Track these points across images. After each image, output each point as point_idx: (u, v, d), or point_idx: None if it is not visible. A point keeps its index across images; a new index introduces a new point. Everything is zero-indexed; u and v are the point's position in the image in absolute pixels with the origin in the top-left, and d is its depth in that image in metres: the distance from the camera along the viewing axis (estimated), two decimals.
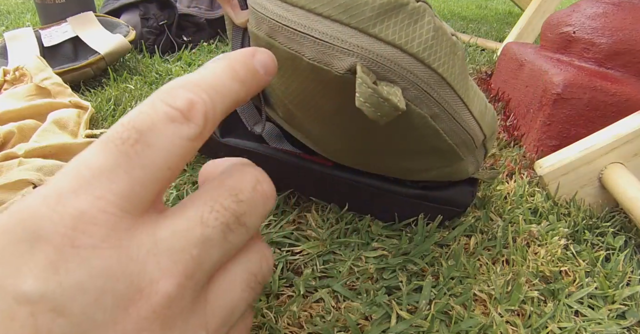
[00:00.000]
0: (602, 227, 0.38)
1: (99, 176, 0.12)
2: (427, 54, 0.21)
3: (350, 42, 0.20)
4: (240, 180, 0.15)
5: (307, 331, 0.26)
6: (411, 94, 0.22)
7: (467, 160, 0.29)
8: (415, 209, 0.34)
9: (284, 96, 0.25)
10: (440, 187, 0.34)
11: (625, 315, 0.29)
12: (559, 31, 0.54)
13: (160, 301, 0.12)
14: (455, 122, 0.25)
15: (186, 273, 0.13)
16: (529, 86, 0.54)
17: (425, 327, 0.27)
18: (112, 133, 0.13)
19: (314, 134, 0.29)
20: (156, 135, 0.13)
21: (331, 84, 0.22)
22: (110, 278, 0.12)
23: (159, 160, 0.13)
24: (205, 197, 0.14)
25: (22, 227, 0.12)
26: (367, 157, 0.30)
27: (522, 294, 0.29)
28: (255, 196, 0.15)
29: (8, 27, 1.01)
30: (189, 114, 0.14)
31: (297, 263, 0.32)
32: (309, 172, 0.34)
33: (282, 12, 0.21)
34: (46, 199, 0.12)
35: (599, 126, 0.42)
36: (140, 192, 0.13)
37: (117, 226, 0.12)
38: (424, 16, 0.21)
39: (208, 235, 0.13)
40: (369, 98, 0.19)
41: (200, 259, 0.13)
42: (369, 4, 0.20)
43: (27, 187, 0.34)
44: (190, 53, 0.81)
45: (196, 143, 0.14)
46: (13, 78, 0.54)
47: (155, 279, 0.12)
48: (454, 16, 1.51)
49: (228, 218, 0.14)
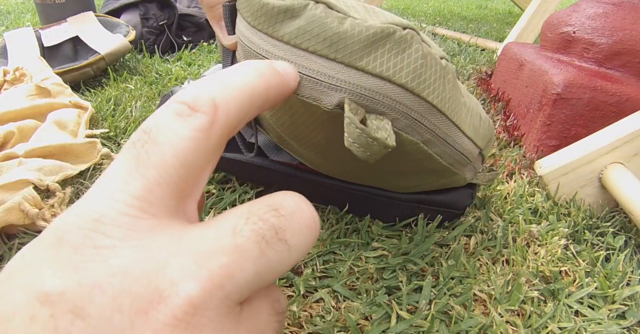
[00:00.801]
0: (602, 227, 0.38)
1: (115, 181, 0.13)
2: (416, 83, 0.21)
3: (337, 77, 0.20)
4: (283, 199, 0.14)
5: (307, 331, 0.26)
6: (402, 124, 0.22)
7: (463, 172, 0.29)
8: (414, 212, 0.35)
9: (276, 126, 0.25)
10: (439, 191, 0.34)
11: (625, 315, 0.29)
12: (559, 31, 0.54)
13: (182, 305, 0.11)
14: (448, 145, 0.25)
15: (213, 279, 0.12)
16: (529, 86, 0.54)
17: (425, 327, 0.27)
18: (129, 140, 0.13)
19: (307, 157, 0.29)
20: (162, 132, 0.13)
21: (321, 118, 0.22)
22: (128, 277, 0.11)
23: (169, 156, 0.13)
24: (242, 210, 0.13)
25: (52, 234, 0.12)
26: (361, 177, 0.30)
27: (522, 294, 0.29)
28: (299, 216, 0.14)
29: (8, 27, 1.01)
30: (195, 104, 0.13)
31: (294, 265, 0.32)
32: (307, 182, 0.35)
33: (269, 47, 0.21)
34: (72, 208, 0.13)
35: (599, 126, 0.42)
36: (159, 192, 0.13)
37: (137, 226, 0.12)
38: (411, 44, 0.21)
39: (240, 244, 0.12)
40: (358, 139, 0.19)
41: (230, 270, 0.12)
42: (355, 36, 0.20)
43: (27, 187, 0.34)
44: (190, 53, 0.81)
45: (209, 135, 0.13)
46: (13, 78, 0.54)
47: (177, 282, 0.11)
48: (454, 16, 1.51)
49: (265, 230, 0.13)
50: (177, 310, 0.11)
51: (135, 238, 0.12)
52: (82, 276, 0.11)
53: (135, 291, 0.11)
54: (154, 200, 0.12)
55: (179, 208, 0.13)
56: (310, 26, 0.20)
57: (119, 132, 0.49)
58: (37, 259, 0.12)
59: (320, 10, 0.20)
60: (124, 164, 0.13)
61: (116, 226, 0.12)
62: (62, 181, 0.37)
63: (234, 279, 0.12)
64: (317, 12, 0.20)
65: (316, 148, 0.25)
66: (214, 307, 0.12)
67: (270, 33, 0.21)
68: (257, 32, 0.21)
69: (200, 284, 0.11)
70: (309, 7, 0.20)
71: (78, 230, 0.12)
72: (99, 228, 0.12)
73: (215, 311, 0.12)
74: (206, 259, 0.12)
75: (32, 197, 0.33)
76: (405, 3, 1.85)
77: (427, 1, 1.97)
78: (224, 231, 0.12)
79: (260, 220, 0.13)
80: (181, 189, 0.13)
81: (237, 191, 0.38)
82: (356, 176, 0.30)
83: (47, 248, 0.12)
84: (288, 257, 0.13)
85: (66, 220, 0.12)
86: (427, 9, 1.69)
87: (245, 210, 0.13)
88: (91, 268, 0.11)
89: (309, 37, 0.20)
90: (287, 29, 0.20)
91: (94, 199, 0.12)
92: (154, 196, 0.12)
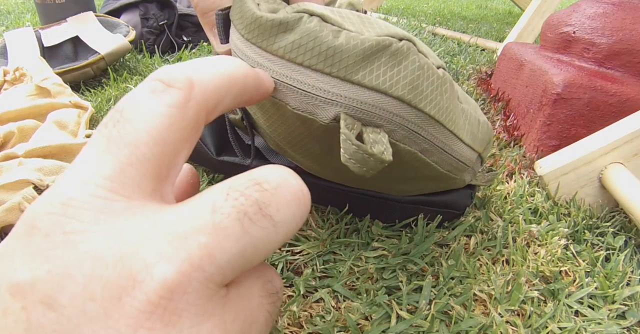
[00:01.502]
0: (602, 227, 0.38)
1: (86, 163, 0.12)
2: (412, 95, 0.21)
3: (333, 92, 0.20)
4: (267, 173, 0.13)
5: (307, 331, 0.26)
6: (399, 135, 0.21)
7: (461, 175, 0.29)
8: (414, 213, 0.35)
9: (273, 135, 0.25)
10: (438, 192, 0.34)
11: (625, 315, 0.29)
12: (559, 31, 0.54)
13: (157, 289, 0.10)
14: (446, 153, 0.25)
15: (191, 260, 0.11)
16: (529, 86, 0.54)
17: (425, 327, 0.27)
18: (101, 121, 0.13)
19: (305, 164, 0.29)
20: (135, 109, 0.12)
21: (318, 131, 0.22)
22: (99, 262, 0.11)
23: (142, 134, 0.12)
24: (222, 186, 0.12)
25: (22, 223, 0.12)
26: (359, 182, 0.30)
27: (522, 294, 0.29)
28: (284, 189, 0.13)
29: (8, 27, 1.01)
30: (170, 80, 0.13)
31: (297, 263, 0.32)
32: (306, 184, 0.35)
33: (263, 61, 0.21)
34: (42, 195, 0.12)
35: (599, 126, 0.42)
36: (132, 172, 0.12)
37: (108, 208, 0.11)
38: (407, 56, 0.20)
39: (220, 222, 0.11)
40: (354, 155, 0.19)
41: (210, 250, 0.11)
42: (350, 50, 0.19)
43: (27, 187, 0.34)
44: (190, 53, 0.81)
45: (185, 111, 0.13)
46: (13, 78, 0.54)
47: (151, 264, 0.11)
48: (454, 16, 1.51)
49: (247, 206, 0.12)
50: (152, 295, 0.10)
51: (107, 221, 0.11)
52: (52, 264, 0.11)
53: (107, 277, 0.10)
54: (127, 181, 0.12)
55: (155, 190, 0.12)
56: (304, 40, 0.20)
57: None
58: (8, 250, 0.11)
59: (315, 23, 0.20)
60: (95, 146, 0.12)
61: (86, 209, 0.11)
62: None
63: (214, 260, 0.11)
64: (312, 25, 0.20)
65: (314, 158, 0.25)
66: (193, 290, 0.11)
67: (265, 47, 0.21)
68: (251, 45, 0.21)
69: (176, 266, 0.11)
70: (303, 20, 0.20)
71: (47, 216, 0.11)
72: (68, 212, 0.11)
73: (194, 295, 0.11)
74: (183, 239, 0.11)
75: (32, 197, 0.33)
76: (405, 3, 1.85)
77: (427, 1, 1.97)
78: (203, 209, 0.12)
79: (241, 195, 0.12)
80: (156, 169, 0.12)
81: None
82: (355, 182, 0.30)
83: (18, 238, 0.11)
84: (275, 233, 0.12)
85: (36, 207, 0.12)
86: (427, 9, 1.69)
87: (225, 186, 0.12)
88: (61, 255, 0.11)
89: (304, 51, 0.20)
90: (281, 43, 0.20)
91: (64, 184, 0.12)
92: (127, 177, 0.12)
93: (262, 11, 0.21)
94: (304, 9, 0.20)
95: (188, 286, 0.11)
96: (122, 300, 0.10)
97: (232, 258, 0.11)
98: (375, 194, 0.34)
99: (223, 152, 0.39)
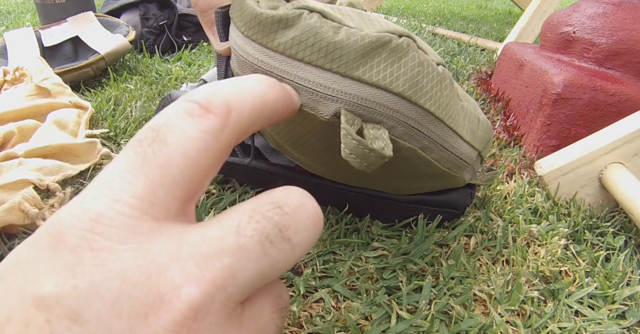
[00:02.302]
0: (602, 227, 0.38)
1: (117, 180, 0.12)
2: (412, 91, 0.21)
3: (333, 88, 0.20)
4: (286, 195, 0.14)
5: (307, 331, 0.26)
6: (399, 131, 0.22)
7: (461, 174, 0.29)
8: (413, 213, 0.35)
9: (273, 133, 0.25)
10: (438, 191, 0.34)
11: (625, 315, 0.29)
12: (559, 31, 0.54)
13: (183, 310, 0.11)
14: (446, 151, 0.25)
15: (215, 282, 0.11)
16: (529, 86, 0.54)
17: (425, 327, 0.27)
18: (133, 138, 0.13)
19: (305, 163, 0.29)
20: (172, 131, 0.12)
21: (318, 127, 0.22)
22: (127, 281, 0.11)
23: (176, 157, 0.12)
24: (244, 207, 0.13)
25: (47, 235, 0.12)
26: (360, 181, 0.30)
27: (522, 294, 0.29)
28: (302, 213, 0.13)
29: (8, 27, 1.01)
30: (209, 106, 0.13)
31: (297, 263, 0.32)
32: (306, 184, 0.35)
33: (264, 57, 0.21)
34: (69, 206, 0.12)
35: (599, 126, 0.42)
36: (162, 193, 0.12)
37: (136, 228, 0.12)
38: (407, 53, 0.20)
39: (243, 244, 0.12)
40: (354, 150, 0.19)
41: (233, 271, 0.12)
42: (350, 46, 0.19)
43: (27, 187, 0.34)
44: (190, 53, 0.81)
45: (219, 138, 0.13)
46: (13, 78, 0.54)
47: (178, 285, 0.11)
48: (454, 16, 1.51)
49: (269, 229, 0.12)
50: (178, 315, 0.11)
51: (135, 241, 0.11)
52: (79, 280, 0.11)
53: (135, 296, 0.11)
54: (156, 201, 0.12)
55: (180, 210, 0.13)
56: (305, 36, 0.20)
57: (119, 132, 0.49)
58: (31, 261, 0.11)
59: (315, 19, 0.20)
60: (127, 163, 0.12)
61: (115, 227, 0.11)
62: (62, 181, 0.37)
63: (236, 280, 0.12)
64: (312, 21, 0.20)
65: (314, 155, 0.25)
66: (215, 310, 0.11)
67: (265, 43, 0.21)
68: (251, 42, 0.21)
69: (202, 287, 0.11)
70: (303, 17, 0.20)
71: (74, 231, 0.11)
72: (97, 229, 0.11)
73: (217, 315, 0.11)
74: (208, 260, 0.11)
75: (32, 197, 0.33)
76: (405, 3, 1.85)
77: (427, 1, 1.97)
78: (227, 231, 0.12)
79: (263, 218, 0.12)
80: (185, 192, 0.13)
81: (237, 191, 0.38)
82: (355, 181, 0.30)
83: (42, 250, 0.11)
84: (291, 255, 0.13)
85: (62, 219, 0.12)
86: (427, 9, 1.69)
87: (247, 208, 0.13)
88: (88, 272, 0.11)
89: (304, 47, 0.20)
90: (281, 39, 0.20)
91: (93, 198, 0.12)
92: (157, 197, 0.12)
93: (262, 8, 0.21)
94: (304, 6, 0.20)
95: (211, 306, 0.11)
96: (148, 319, 0.11)
97: (252, 278, 0.12)
98: (375, 193, 0.34)
99: None
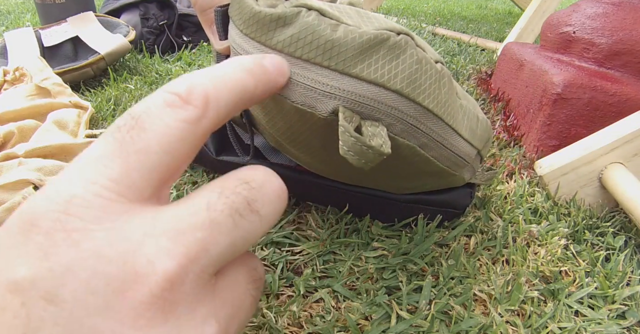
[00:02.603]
0: (602, 227, 0.38)
1: (94, 163, 0.12)
2: (411, 88, 0.21)
3: (332, 85, 0.20)
4: (253, 173, 0.14)
5: (307, 331, 0.26)
6: (397, 129, 0.22)
7: (461, 173, 0.29)
8: (413, 212, 0.35)
9: (272, 131, 0.25)
10: (438, 190, 0.34)
11: (625, 315, 0.29)
12: (559, 31, 0.54)
13: (159, 282, 0.11)
14: (445, 148, 0.25)
15: (189, 255, 0.12)
16: (529, 86, 0.54)
17: (425, 327, 0.27)
18: (112, 125, 0.13)
19: (304, 161, 0.29)
20: (151, 119, 0.13)
21: (316, 125, 0.22)
22: (101, 259, 0.11)
23: (154, 143, 0.13)
24: (214, 185, 0.14)
25: (19, 219, 0.12)
26: (358, 179, 0.30)
27: (522, 294, 0.29)
28: (268, 187, 0.14)
29: (8, 27, 1.01)
30: (188, 97, 0.13)
31: (297, 263, 0.32)
32: (305, 183, 0.35)
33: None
34: (43, 189, 0.12)
35: (599, 126, 0.42)
36: (137, 177, 0.12)
37: (111, 209, 0.12)
38: (405, 50, 0.21)
39: (214, 218, 0.12)
40: (352, 147, 0.19)
41: (205, 244, 0.12)
42: (348, 44, 0.20)
43: (27, 187, 0.34)
44: (190, 53, 0.81)
45: (197, 127, 0.13)
46: (13, 78, 0.54)
47: (153, 260, 0.11)
48: (454, 16, 1.51)
49: (238, 203, 0.13)
50: (155, 287, 0.11)
51: (110, 220, 0.12)
52: (52, 262, 0.11)
53: (110, 272, 0.11)
54: (131, 185, 0.12)
55: (154, 194, 0.13)
56: (303, 34, 0.20)
57: None
58: (4, 247, 0.11)
59: (313, 17, 0.20)
60: (105, 147, 0.13)
61: (88, 207, 0.12)
62: None
63: (209, 253, 0.12)
64: (310, 19, 0.20)
65: (313, 153, 0.25)
66: (190, 281, 0.12)
67: (264, 41, 0.21)
68: (250, 40, 0.21)
69: (176, 260, 0.12)
70: (301, 15, 0.20)
71: (48, 213, 0.11)
72: (71, 210, 0.12)
73: (191, 285, 0.12)
74: (182, 235, 0.12)
75: None
76: (405, 3, 1.85)
77: (427, 1, 1.97)
78: (198, 207, 0.13)
79: (232, 194, 0.13)
80: (160, 176, 0.13)
81: None
82: (354, 179, 0.30)
83: (14, 235, 0.11)
84: (260, 227, 0.14)
85: (35, 203, 0.12)
86: (427, 9, 1.69)
87: (217, 185, 0.14)
88: (62, 253, 0.11)
89: (302, 45, 0.20)
90: (280, 37, 0.20)
91: (68, 181, 0.12)
92: (132, 181, 0.12)
93: (260, 6, 0.21)
94: (302, 4, 0.20)
95: (186, 278, 0.12)
96: (125, 293, 0.11)
97: (224, 250, 0.13)
98: (375, 192, 0.34)
99: (222, 152, 0.39)
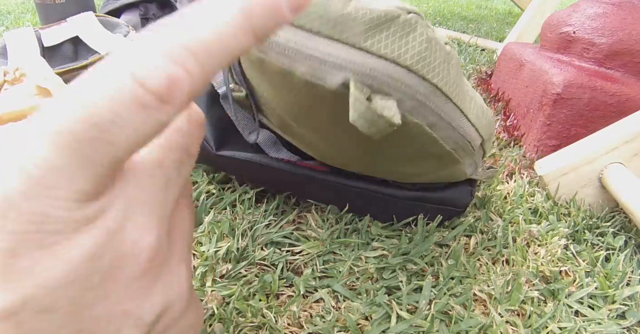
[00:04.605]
0: (602, 227, 0.38)
1: (54, 176, 0.10)
2: (420, 65, 0.21)
3: (342, 57, 0.20)
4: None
5: (307, 331, 0.26)
6: (407, 105, 0.22)
7: (464, 163, 0.29)
8: (413, 211, 0.34)
9: (278, 107, 0.25)
10: (439, 188, 0.34)
11: (625, 315, 0.29)
12: (559, 31, 0.54)
13: (146, 256, 0.12)
14: (453, 129, 0.25)
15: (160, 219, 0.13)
16: (529, 86, 0.54)
17: (425, 327, 0.27)
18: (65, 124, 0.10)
19: (308, 141, 0.29)
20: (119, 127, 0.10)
21: (325, 98, 0.22)
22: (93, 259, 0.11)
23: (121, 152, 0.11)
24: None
25: None
26: (362, 163, 0.30)
27: (522, 294, 0.29)
28: None
29: (8, 27, 1.01)
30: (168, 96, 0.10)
31: (297, 263, 0.32)
32: (305, 179, 0.35)
33: None
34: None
35: (599, 126, 0.42)
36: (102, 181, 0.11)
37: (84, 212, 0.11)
38: (415, 28, 0.21)
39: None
40: (364, 114, 0.19)
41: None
42: (359, 18, 0.20)
43: None
44: None
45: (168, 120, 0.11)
46: (13, 78, 0.54)
47: (136, 239, 0.12)
48: (454, 16, 1.51)
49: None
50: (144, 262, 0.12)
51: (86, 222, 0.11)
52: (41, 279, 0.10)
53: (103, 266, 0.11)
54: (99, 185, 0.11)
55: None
56: (314, 8, 0.20)
57: None
58: None
59: None
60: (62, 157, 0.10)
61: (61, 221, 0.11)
62: None
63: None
64: None
65: (319, 130, 0.26)
66: (163, 244, 0.13)
67: None
68: None
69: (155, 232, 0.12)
70: None
71: (13, 236, 0.10)
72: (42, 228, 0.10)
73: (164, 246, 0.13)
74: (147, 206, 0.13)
75: None
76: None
77: (427, 1, 1.97)
78: None
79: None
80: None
81: (237, 191, 0.38)
82: (357, 163, 0.30)
83: None
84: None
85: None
86: (427, 9, 1.69)
87: None
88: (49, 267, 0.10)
89: (313, 18, 0.20)
90: None
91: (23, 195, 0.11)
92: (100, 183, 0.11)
93: None
94: None
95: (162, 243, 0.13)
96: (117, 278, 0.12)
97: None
98: (375, 188, 0.33)
99: (223, 146, 0.38)
